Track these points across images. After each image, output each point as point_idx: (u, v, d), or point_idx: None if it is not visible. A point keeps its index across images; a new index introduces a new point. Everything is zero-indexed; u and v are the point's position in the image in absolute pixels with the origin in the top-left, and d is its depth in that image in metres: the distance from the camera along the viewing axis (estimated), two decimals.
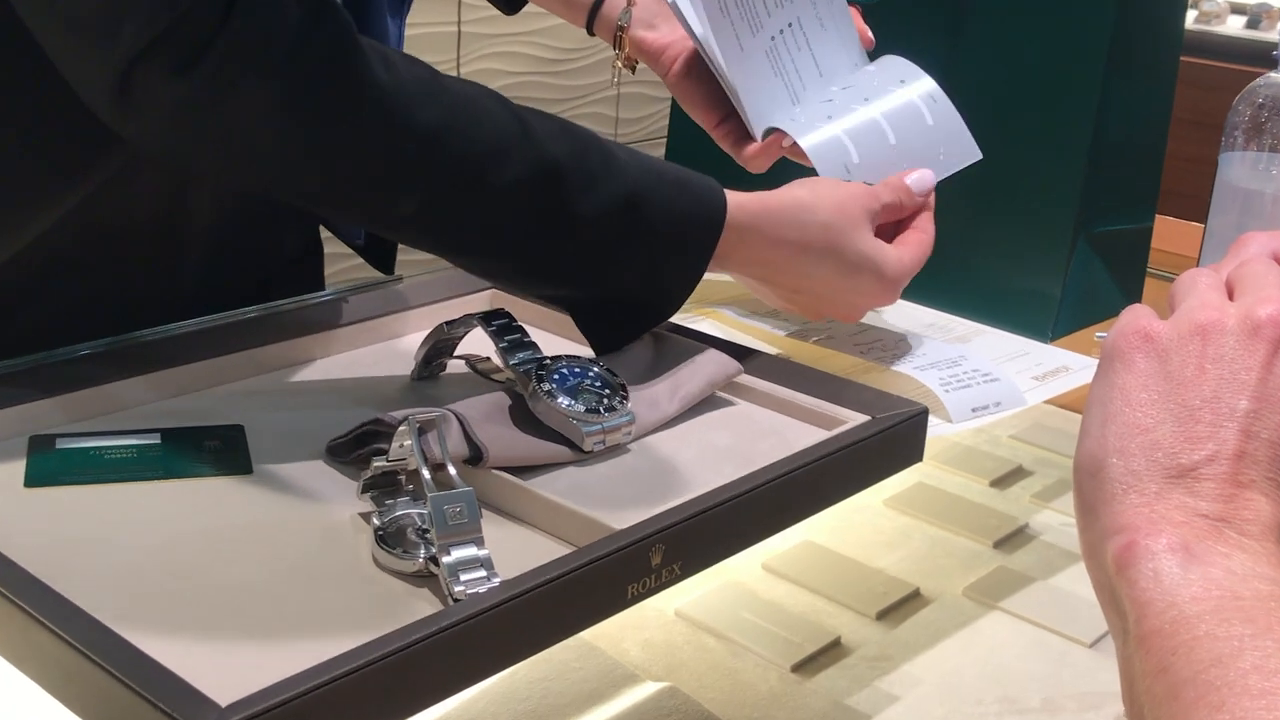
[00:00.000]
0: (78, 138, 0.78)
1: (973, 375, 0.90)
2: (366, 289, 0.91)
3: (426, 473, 0.60)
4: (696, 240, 0.78)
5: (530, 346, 0.74)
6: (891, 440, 0.73)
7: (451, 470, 0.62)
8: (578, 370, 0.73)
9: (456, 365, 0.81)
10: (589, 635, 0.68)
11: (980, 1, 1.08)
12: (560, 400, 0.70)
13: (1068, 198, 1.05)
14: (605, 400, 0.72)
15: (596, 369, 0.74)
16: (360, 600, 0.59)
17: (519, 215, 0.73)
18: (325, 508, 0.66)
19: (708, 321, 1.01)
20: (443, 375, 0.81)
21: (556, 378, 0.72)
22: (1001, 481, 0.92)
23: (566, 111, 2.62)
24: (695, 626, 0.73)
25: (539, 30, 2.54)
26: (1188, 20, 1.80)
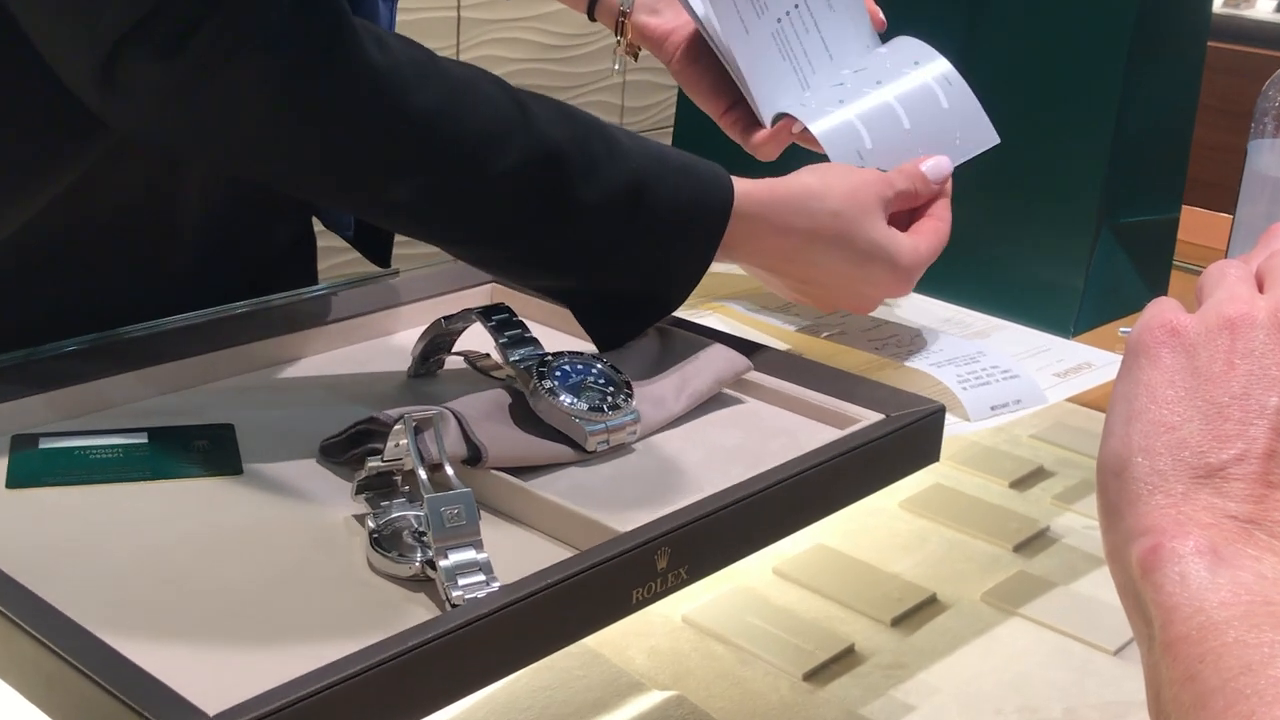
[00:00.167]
0: (58, 123, 0.78)
1: (991, 372, 0.91)
2: (361, 283, 0.92)
3: (423, 473, 0.60)
4: (703, 229, 0.77)
5: (531, 342, 0.74)
6: (907, 440, 0.73)
7: (449, 470, 0.62)
8: (580, 367, 0.73)
9: (455, 362, 0.81)
10: (592, 642, 0.67)
11: None
12: (562, 398, 0.70)
13: (1090, 187, 1.05)
14: (609, 398, 0.71)
15: (600, 365, 0.74)
16: (354, 605, 0.58)
17: (518, 202, 0.73)
18: (318, 509, 0.66)
19: (715, 316, 1.02)
20: (440, 372, 0.81)
21: (558, 375, 0.72)
22: (1022, 483, 0.91)
23: (570, 99, 2.60)
24: (703, 633, 0.73)
25: (541, 15, 2.53)
26: (1215, 3, 1.80)
